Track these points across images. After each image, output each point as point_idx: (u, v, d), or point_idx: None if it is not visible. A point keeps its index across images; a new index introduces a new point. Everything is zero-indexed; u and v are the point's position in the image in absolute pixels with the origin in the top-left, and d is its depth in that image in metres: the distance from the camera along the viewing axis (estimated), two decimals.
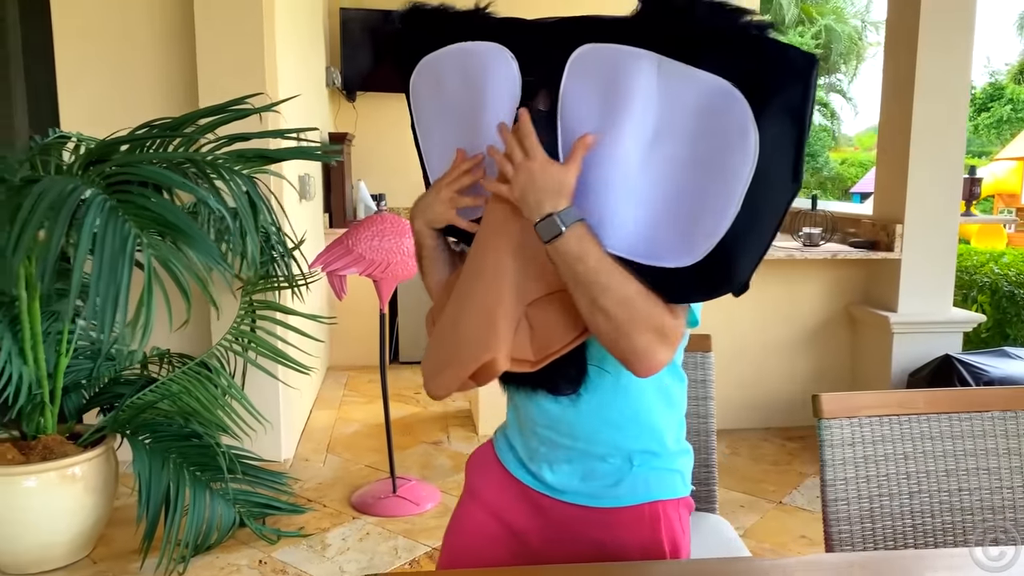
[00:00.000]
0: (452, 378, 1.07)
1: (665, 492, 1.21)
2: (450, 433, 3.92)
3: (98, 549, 2.69)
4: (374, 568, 2.60)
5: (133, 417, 2.66)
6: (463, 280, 1.12)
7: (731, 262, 0.98)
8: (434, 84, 1.17)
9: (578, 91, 1.01)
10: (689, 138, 0.95)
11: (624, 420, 1.18)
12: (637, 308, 1.00)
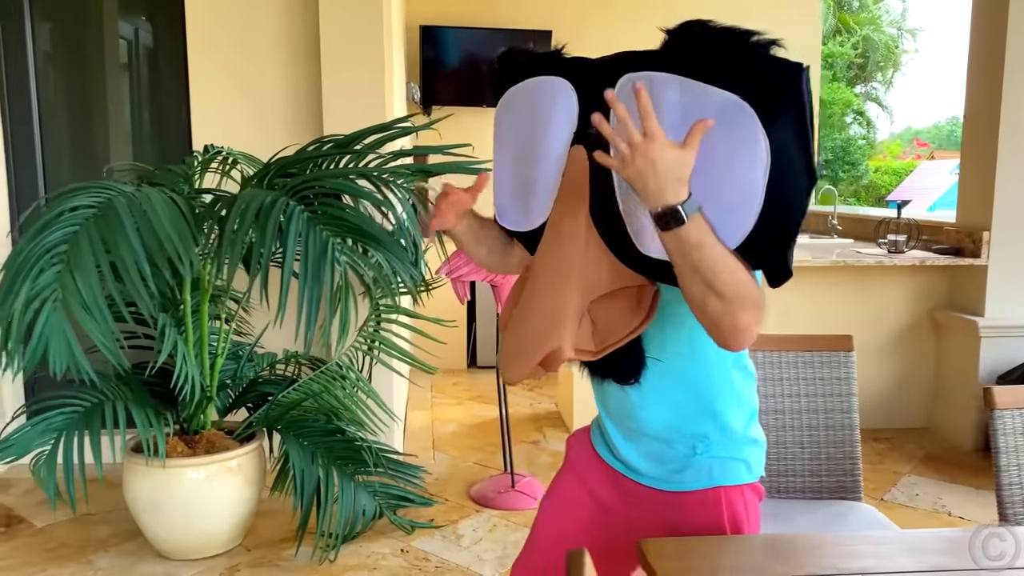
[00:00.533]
0: (524, 365, 1.23)
1: (728, 478, 1.31)
2: (546, 433, 4.07)
3: (248, 538, 2.87)
4: (510, 557, 2.75)
5: (282, 414, 2.84)
6: (532, 278, 1.27)
7: (761, 256, 1.07)
8: (509, 112, 1.31)
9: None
10: (709, 146, 1.04)
11: (684, 407, 1.29)
12: (748, 288, 1.06)
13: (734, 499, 1.31)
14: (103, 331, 1.98)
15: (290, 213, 2.06)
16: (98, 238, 1.96)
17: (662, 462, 1.33)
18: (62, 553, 2.78)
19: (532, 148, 1.26)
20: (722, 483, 1.31)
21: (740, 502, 1.31)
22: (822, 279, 4.00)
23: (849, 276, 4.03)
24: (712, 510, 1.31)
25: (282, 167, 2.36)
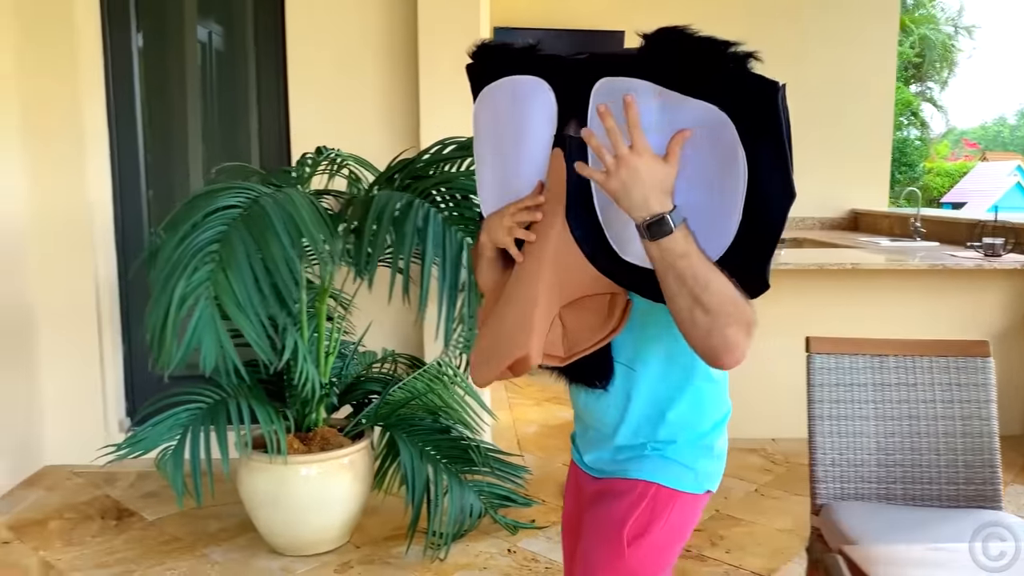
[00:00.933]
0: (493, 369, 1.22)
1: (665, 479, 1.29)
2: None
3: (355, 535, 2.90)
4: None
5: (391, 412, 2.87)
6: (509, 284, 1.26)
7: (740, 268, 1.06)
8: (489, 112, 1.28)
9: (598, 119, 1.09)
10: (688, 159, 1.04)
11: (646, 413, 1.30)
12: (735, 302, 1.05)
13: (662, 501, 1.29)
14: (255, 328, 2.02)
15: (426, 214, 2.08)
16: (249, 237, 1.99)
17: (615, 458, 1.35)
18: (176, 547, 2.83)
19: (513, 149, 1.25)
20: (659, 482, 1.30)
21: (668, 507, 1.29)
22: (917, 282, 3.92)
23: (945, 280, 3.94)
24: (631, 501, 1.30)
25: (406, 169, 2.37)
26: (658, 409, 1.30)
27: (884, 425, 2.16)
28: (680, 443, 1.31)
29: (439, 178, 2.26)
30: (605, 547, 1.30)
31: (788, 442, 3.93)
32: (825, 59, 5.80)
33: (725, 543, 2.87)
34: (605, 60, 1.12)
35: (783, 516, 3.10)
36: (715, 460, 1.35)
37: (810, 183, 5.85)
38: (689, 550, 2.81)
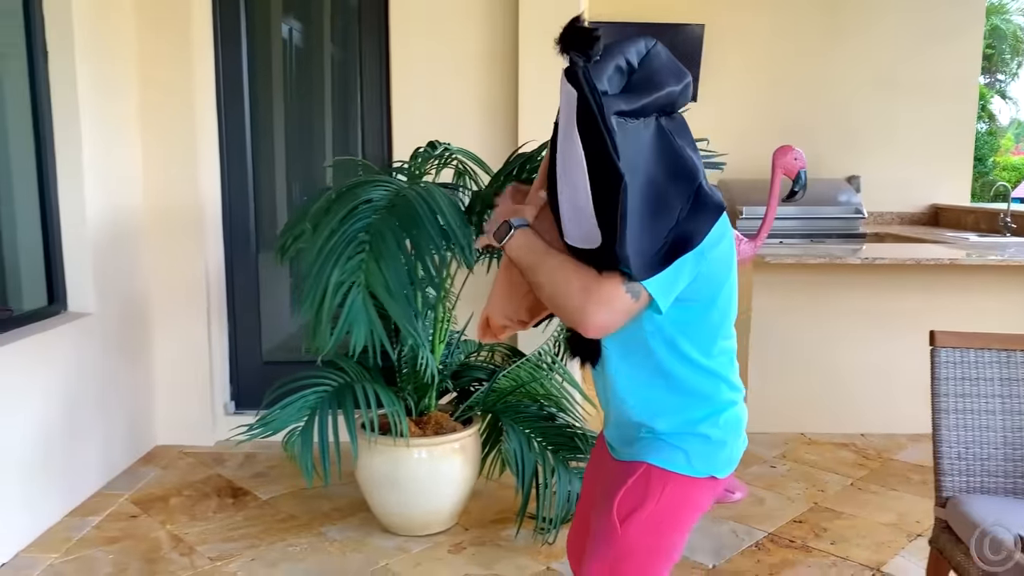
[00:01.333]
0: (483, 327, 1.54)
1: (656, 459, 1.39)
2: None
3: (462, 518, 2.98)
4: (726, 549, 2.78)
5: (499, 400, 2.94)
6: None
7: (606, 248, 1.22)
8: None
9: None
10: (563, 153, 1.26)
11: (638, 394, 1.42)
12: (565, 275, 1.28)
13: (655, 480, 1.38)
14: (405, 313, 2.11)
15: None
16: (397, 227, 2.08)
17: (623, 437, 1.47)
18: (293, 524, 2.95)
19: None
20: (649, 461, 1.39)
21: (661, 487, 1.38)
22: (1013, 279, 3.86)
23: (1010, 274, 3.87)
24: (629, 479, 1.39)
25: (525, 164, 2.44)
26: (643, 393, 1.41)
27: (1011, 419, 2.16)
28: (669, 427, 1.40)
29: None
30: (605, 520, 1.40)
31: (876, 437, 3.92)
32: (909, 53, 5.71)
33: (829, 535, 2.89)
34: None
35: (883, 511, 3.09)
36: (712, 446, 1.41)
37: (890, 178, 5.79)
38: (793, 541, 2.84)
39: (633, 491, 1.38)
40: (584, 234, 1.25)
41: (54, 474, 2.92)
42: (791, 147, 3.17)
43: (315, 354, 2.23)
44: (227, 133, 3.66)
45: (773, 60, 5.68)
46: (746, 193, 5.34)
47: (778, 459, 3.64)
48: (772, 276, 3.89)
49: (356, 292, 2.06)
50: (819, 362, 3.96)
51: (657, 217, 1.24)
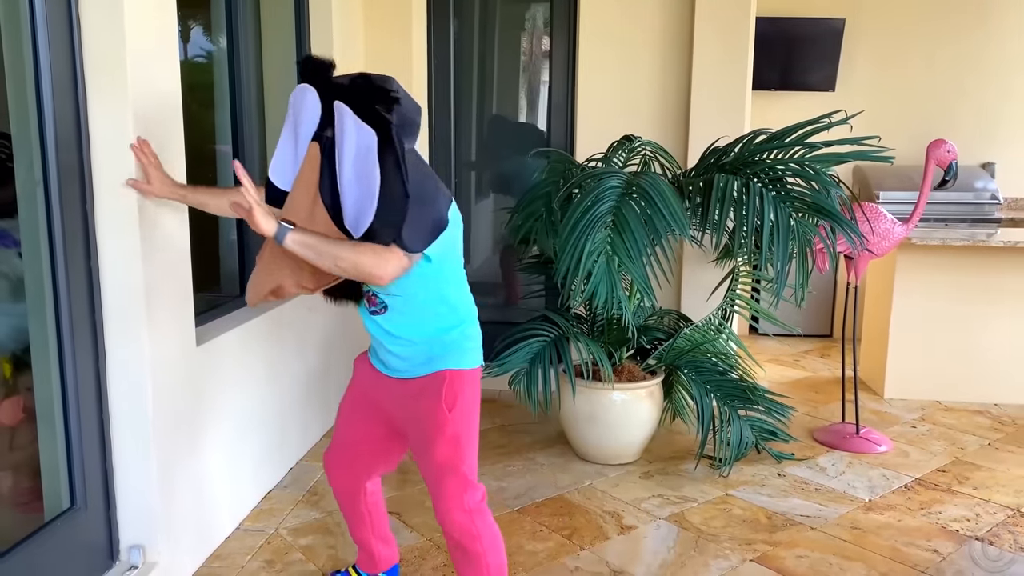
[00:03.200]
0: (257, 293, 1.93)
1: (453, 364, 2.00)
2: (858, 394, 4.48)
3: (645, 454, 3.54)
4: (877, 488, 3.24)
5: (678, 356, 3.48)
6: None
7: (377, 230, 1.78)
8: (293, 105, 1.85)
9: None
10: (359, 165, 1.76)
11: (408, 328, 1.98)
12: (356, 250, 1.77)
13: (456, 378, 2.00)
14: (642, 276, 2.67)
15: (759, 193, 2.65)
16: (636, 209, 2.64)
17: (409, 361, 2.02)
18: (504, 451, 3.58)
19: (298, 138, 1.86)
20: (450, 367, 1.99)
21: (462, 380, 2.00)
22: None
23: None
24: (442, 384, 1.98)
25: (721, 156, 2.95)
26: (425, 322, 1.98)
27: None
28: (447, 339, 2.00)
29: (772, 163, 2.83)
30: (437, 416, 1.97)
31: (1010, 407, 4.25)
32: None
33: (971, 482, 3.30)
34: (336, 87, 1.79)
35: (1022, 467, 3.48)
36: (473, 344, 2.05)
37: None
38: (939, 485, 3.27)
39: (451, 389, 1.98)
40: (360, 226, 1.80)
41: (313, 404, 3.63)
42: (944, 140, 3.55)
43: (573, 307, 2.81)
44: (435, 113, 4.30)
45: (911, 50, 5.91)
46: (881, 179, 5.66)
47: (917, 421, 4.04)
48: (915, 256, 4.26)
49: (602, 259, 2.63)
50: (956, 337, 4.31)
51: (423, 208, 1.81)
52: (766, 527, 2.90)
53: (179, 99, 2.38)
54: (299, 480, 3.24)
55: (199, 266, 2.86)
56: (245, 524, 2.87)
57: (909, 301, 4.31)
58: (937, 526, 2.92)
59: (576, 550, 2.72)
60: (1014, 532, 2.89)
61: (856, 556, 2.69)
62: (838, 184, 2.90)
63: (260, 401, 3.04)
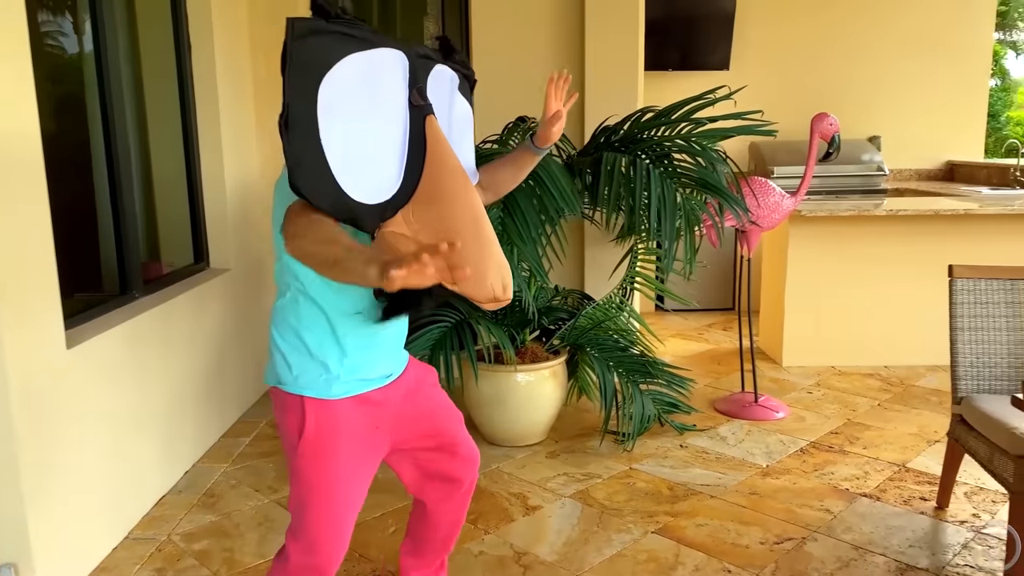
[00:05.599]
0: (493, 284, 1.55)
1: (274, 380, 1.68)
2: (756, 364, 4.62)
3: (551, 433, 3.55)
4: (775, 453, 3.34)
5: (580, 335, 3.50)
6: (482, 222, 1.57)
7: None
8: (357, 81, 1.44)
9: (433, 92, 1.59)
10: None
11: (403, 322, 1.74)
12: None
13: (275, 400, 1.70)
14: (533, 255, 2.65)
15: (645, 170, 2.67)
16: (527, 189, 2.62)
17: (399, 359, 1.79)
18: None
19: (375, 114, 1.47)
20: (270, 383, 1.71)
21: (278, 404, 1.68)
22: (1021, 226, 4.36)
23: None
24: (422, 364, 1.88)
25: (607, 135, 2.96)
26: (274, 317, 1.71)
27: (1014, 334, 2.69)
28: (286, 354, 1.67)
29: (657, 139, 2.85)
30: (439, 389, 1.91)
31: (899, 368, 4.46)
32: (926, 15, 6.12)
33: (861, 442, 3.44)
34: (416, 47, 1.59)
35: (907, 424, 3.65)
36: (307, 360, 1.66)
37: (909, 136, 6.25)
38: (832, 447, 3.40)
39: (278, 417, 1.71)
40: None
41: (211, 402, 3.50)
42: (827, 114, 3.67)
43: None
44: None
45: (799, 30, 6.10)
46: (775, 154, 5.83)
47: (813, 387, 4.19)
48: (806, 228, 4.40)
49: None
50: (847, 304, 4.48)
51: None
52: (668, 498, 2.94)
53: (33, 104, 2.22)
54: (195, 483, 3.12)
55: (73, 264, 2.70)
56: (135, 532, 2.73)
57: (802, 272, 4.45)
58: (829, 486, 3.03)
59: (481, 535, 2.70)
60: (900, 487, 3.02)
61: (753, 520, 2.77)
62: (724, 159, 2.96)
63: (146, 403, 2.90)
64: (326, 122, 1.39)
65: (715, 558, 2.53)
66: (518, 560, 2.52)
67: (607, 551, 2.58)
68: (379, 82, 1.48)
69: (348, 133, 1.41)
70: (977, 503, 2.88)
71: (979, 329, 2.71)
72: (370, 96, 1.46)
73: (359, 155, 1.43)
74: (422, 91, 1.56)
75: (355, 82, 1.43)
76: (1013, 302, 2.72)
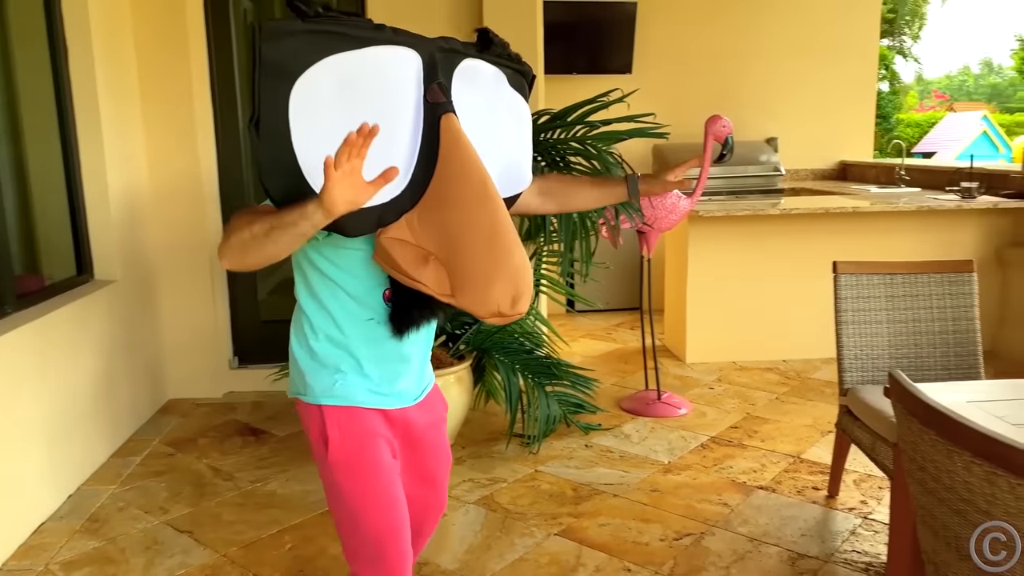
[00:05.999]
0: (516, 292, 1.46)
1: (294, 391, 1.60)
2: (661, 362, 4.69)
3: (458, 439, 3.52)
4: (677, 449, 3.40)
5: (485, 339, 3.48)
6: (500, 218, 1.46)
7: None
8: (342, 82, 1.35)
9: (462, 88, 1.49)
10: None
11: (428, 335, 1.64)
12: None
13: (299, 409, 1.60)
14: None
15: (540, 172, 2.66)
16: None
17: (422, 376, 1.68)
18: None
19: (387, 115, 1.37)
20: (293, 394, 1.60)
21: (305, 414, 1.58)
22: (904, 222, 4.58)
23: (929, 219, 4.61)
24: (436, 390, 1.74)
25: None
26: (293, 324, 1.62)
27: (894, 327, 2.81)
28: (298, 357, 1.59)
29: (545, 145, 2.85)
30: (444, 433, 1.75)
31: (796, 362, 4.61)
32: (818, 20, 6.36)
33: (759, 435, 3.54)
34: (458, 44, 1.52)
35: (802, 416, 3.77)
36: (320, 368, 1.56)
37: (802, 136, 6.49)
38: (731, 441, 3.48)
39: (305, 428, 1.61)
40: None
41: (99, 421, 3.32)
42: (720, 116, 3.72)
43: None
44: (221, 113, 4.03)
45: (699, 34, 6.26)
46: (679, 156, 5.95)
47: (715, 383, 4.29)
48: (705, 228, 4.50)
49: None
50: (746, 300, 4.61)
51: None
52: (571, 499, 2.95)
53: None
54: (79, 507, 2.95)
55: None
56: (9, 564, 2.56)
57: (703, 270, 4.55)
58: (727, 480, 3.10)
59: None
60: (794, 478, 3.12)
61: (654, 518, 2.80)
62: (619, 163, 2.98)
63: (21, 424, 2.73)
64: (300, 125, 1.32)
65: (616, 558, 2.54)
66: (419, 571, 2.48)
67: (509, 556, 2.56)
68: (376, 80, 1.39)
69: (329, 135, 1.29)
70: (865, 490, 2.99)
71: (862, 323, 2.81)
72: (363, 95, 1.37)
73: None
74: (444, 87, 1.46)
75: (341, 81, 1.35)
76: (892, 295, 2.83)
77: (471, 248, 1.42)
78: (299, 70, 1.31)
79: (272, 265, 1.36)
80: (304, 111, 1.32)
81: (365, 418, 1.55)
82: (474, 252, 1.42)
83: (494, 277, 1.42)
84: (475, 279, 1.42)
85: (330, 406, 1.53)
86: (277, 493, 3.05)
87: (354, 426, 1.54)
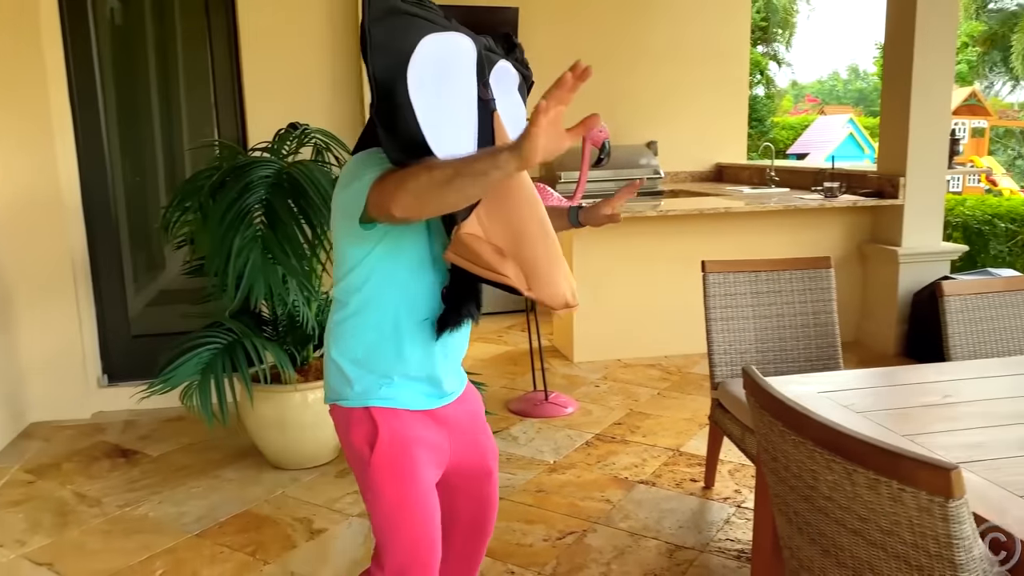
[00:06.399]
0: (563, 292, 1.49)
1: (334, 397, 1.56)
2: (549, 362, 4.76)
3: (340, 452, 3.44)
4: (563, 449, 3.45)
5: None
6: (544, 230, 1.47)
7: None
8: (440, 61, 1.38)
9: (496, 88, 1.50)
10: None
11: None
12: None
13: (337, 418, 1.58)
14: (300, 270, 2.52)
15: None
16: (288, 201, 2.48)
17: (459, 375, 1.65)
18: (189, 471, 3.30)
19: (454, 98, 1.40)
20: (332, 401, 1.58)
21: (341, 421, 1.56)
22: (774, 221, 4.81)
23: (796, 218, 4.86)
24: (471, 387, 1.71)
25: None
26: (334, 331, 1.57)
27: (759, 322, 2.94)
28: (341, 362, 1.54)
29: None
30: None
31: (676, 357, 4.77)
32: (691, 27, 6.61)
33: (641, 431, 3.63)
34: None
35: (682, 410, 3.90)
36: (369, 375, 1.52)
37: (680, 139, 6.72)
38: (615, 437, 3.56)
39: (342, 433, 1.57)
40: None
41: None
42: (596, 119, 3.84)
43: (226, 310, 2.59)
44: (82, 123, 3.82)
45: (579, 40, 6.38)
46: (561, 160, 6.05)
47: (600, 380, 4.38)
48: (588, 230, 4.57)
49: (256, 255, 2.46)
50: (629, 299, 4.73)
51: None
52: None
53: None
54: None
55: None
56: None
57: (587, 271, 4.64)
58: (610, 476, 3.16)
59: (260, 566, 2.56)
60: (673, 471, 3.22)
61: (538, 518, 2.83)
62: None
63: None
64: (419, 101, 1.33)
65: (499, 561, 2.55)
66: None
67: None
68: (454, 68, 1.40)
69: (442, 113, 1.34)
70: (739, 480, 3.12)
71: (730, 319, 2.93)
72: (449, 81, 1.39)
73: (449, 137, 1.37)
74: (487, 85, 1.47)
75: (436, 64, 1.36)
76: (757, 292, 2.97)
77: (535, 242, 1.44)
78: (410, 48, 1.33)
79: (146, 277, 1.30)
80: (422, 87, 1.33)
81: (411, 422, 1.54)
82: (537, 245, 1.44)
83: (555, 269, 1.46)
84: (541, 271, 1.45)
85: (379, 408, 1.51)
86: (149, 517, 2.90)
87: (400, 430, 1.52)
